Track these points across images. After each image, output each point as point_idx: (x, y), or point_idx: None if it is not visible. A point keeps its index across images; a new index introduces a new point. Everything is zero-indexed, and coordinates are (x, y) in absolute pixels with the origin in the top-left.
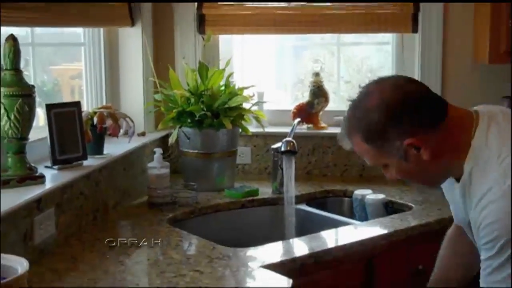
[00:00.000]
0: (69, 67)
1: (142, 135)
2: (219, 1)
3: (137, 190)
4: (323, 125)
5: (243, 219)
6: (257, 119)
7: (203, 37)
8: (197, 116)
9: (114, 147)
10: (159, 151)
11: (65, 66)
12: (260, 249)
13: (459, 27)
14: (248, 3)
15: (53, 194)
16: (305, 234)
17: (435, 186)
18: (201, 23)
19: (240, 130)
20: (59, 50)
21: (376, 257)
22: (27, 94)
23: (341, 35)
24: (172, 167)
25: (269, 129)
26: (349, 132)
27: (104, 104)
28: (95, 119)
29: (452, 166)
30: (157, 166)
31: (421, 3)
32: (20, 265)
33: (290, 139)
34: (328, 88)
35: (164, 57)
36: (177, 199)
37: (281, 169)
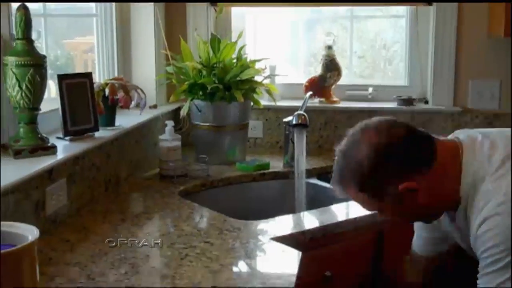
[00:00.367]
0: (82, 41)
1: (154, 107)
2: None
3: (149, 162)
4: (335, 99)
5: (254, 192)
6: (268, 92)
7: (215, 9)
8: (209, 88)
9: (126, 119)
10: (170, 123)
11: (79, 39)
12: (270, 222)
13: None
14: None
15: (65, 164)
16: (315, 207)
17: (432, 221)
18: None
19: (251, 103)
20: (72, 23)
21: (386, 230)
22: (39, 64)
23: (354, 8)
24: (183, 140)
25: (281, 103)
26: (343, 182)
27: (116, 76)
28: (107, 91)
29: (448, 199)
30: (168, 138)
31: None
32: (30, 233)
33: (301, 112)
34: (341, 63)
35: (176, 29)
36: (188, 172)
37: (292, 143)
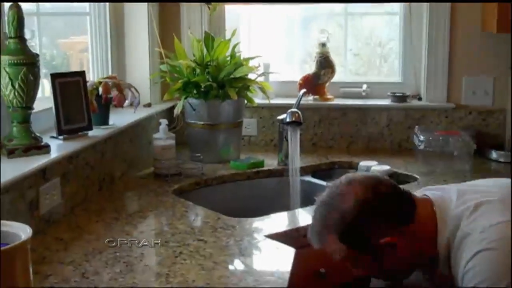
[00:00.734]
0: (77, 40)
1: (148, 106)
2: None
3: (143, 161)
4: (329, 96)
5: (249, 190)
6: (262, 90)
7: (209, 7)
8: (203, 86)
9: (119, 118)
10: (164, 122)
11: (74, 39)
12: (264, 220)
13: None
14: None
15: (59, 164)
16: (310, 205)
17: (403, 279)
18: None
19: (245, 101)
20: (68, 23)
21: None
22: (31, 62)
23: (348, 6)
24: (178, 138)
25: (275, 101)
26: (323, 231)
27: (110, 74)
28: (100, 89)
29: (426, 254)
30: (162, 137)
31: None
32: (23, 231)
33: (295, 110)
34: (336, 61)
35: (169, 28)
36: (182, 170)
37: (287, 140)
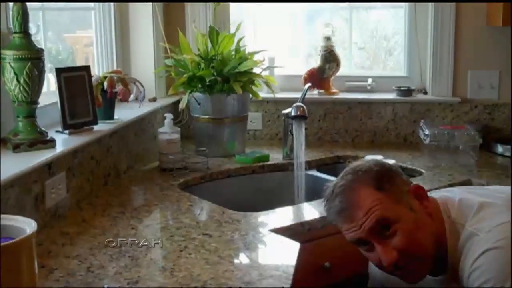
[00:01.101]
0: (83, 35)
1: (153, 100)
2: None
3: (148, 155)
4: (334, 90)
5: (254, 184)
6: (267, 84)
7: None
8: (207, 81)
9: (125, 112)
10: (169, 116)
11: (80, 33)
12: (269, 214)
13: None
14: None
15: (64, 158)
16: (315, 199)
17: (417, 278)
18: None
19: (250, 95)
20: (73, 17)
21: None
22: (36, 57)
23: None
24: (183, 132)
25: (280, 95)
26: (354, 190)
27: (114, 69)
28: (105, 84)
29: (441, 240)
30: (167, 131)
31: None
32: (28, 225)
33: (300, 104)
34: (341, 55)
35: (174, 22)
36: (188, 164)
37: (292, 135)
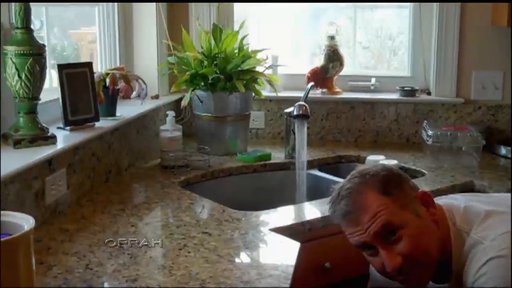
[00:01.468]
0: (88, 31)
1: (155, 98)
2: None
3: (150, 152)
4: (337, 90)
5: (255, 183)
6: (270, 83)
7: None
8: (210, 78)
9: (127, 109)
10: (171, 114)
11: (84, 30)
12: (270, 213)
13: None
14: None
15: (65, 154)
16: (316, 199)
17: (430, 271)
18: None
19: (253, 94)
20: (78, 14)
21: None
22: (38, 53)
23: None
24: (185, 130)
25: (283, 94)
26: (360, 193)
27: (117, 66)
28: (107, 81)
29: (445, 247)
30: (169, 129)
31: None
32: (26, 222)
33: (302, 103)
34: (345, 54)
35: (178, 19)
36: (189, 162)
37: (294, 134)
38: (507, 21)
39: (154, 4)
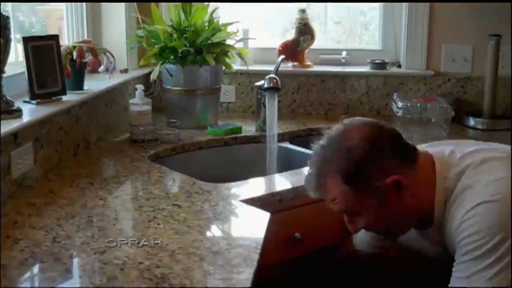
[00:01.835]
0: (56, 7)
1: (124, 71)
2: None
3: (119, 126)
4: (308, 63)
5: (226, 156)
6: (240, 56)
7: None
8: (180, 52)
9: (95, 83)
10: (140, 87)
11: (51, 6)
12: (241, 185)
13: None
14: None
15: (31, 128)
16: (287, 171)
17: (398, 235)
18: None
19: (223, 67)
20: None
21: None
22: (2, 25)
23: None
24: (155, 104)
25: (254, 67)
26: (325, 175)
27: (85, 39)
28: (74, 54)
29: (424, 206)
30: (138, 102)
31: None
32: None
33: (273, 76)
34: (317, 29)
35: None
36: (159, 136)
37: (264, 107)
38: None
39: None
